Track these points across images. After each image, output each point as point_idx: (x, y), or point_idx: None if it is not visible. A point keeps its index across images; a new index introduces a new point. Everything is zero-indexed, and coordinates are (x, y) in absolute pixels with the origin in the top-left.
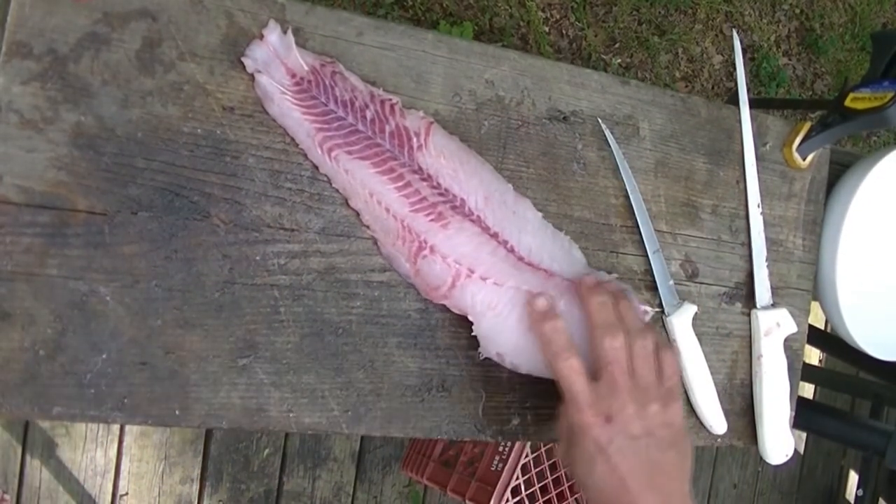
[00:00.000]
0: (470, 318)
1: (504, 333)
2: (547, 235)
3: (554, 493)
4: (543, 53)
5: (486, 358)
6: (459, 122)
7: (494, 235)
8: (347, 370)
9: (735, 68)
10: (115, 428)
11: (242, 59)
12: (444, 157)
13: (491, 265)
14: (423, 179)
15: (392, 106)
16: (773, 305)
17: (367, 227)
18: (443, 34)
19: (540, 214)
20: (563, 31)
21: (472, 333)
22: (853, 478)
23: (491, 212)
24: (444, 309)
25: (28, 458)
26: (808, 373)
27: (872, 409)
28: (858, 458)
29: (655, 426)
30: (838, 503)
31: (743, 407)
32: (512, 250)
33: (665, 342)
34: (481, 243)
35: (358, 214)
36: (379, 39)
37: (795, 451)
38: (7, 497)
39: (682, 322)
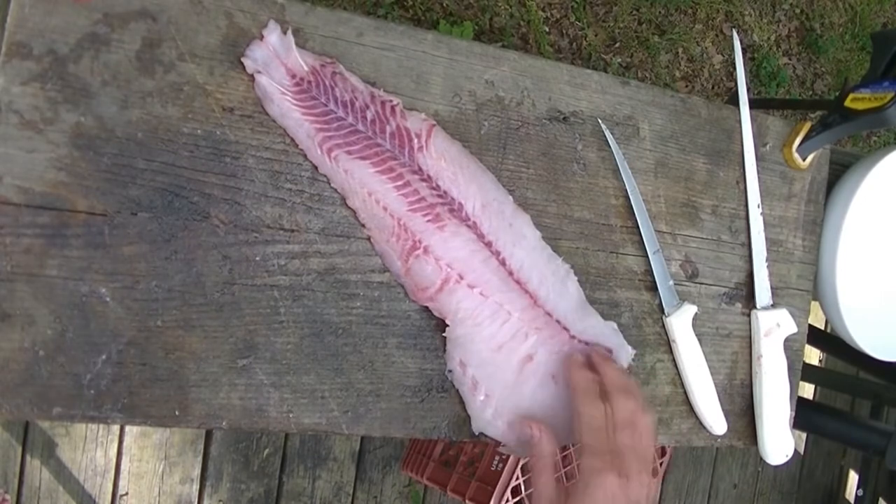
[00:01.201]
0: (448, 321)
1: (475, 344)
2: (541, 257)
3: None
4: (543, 53)
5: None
6: (459, 122)
7: (488, 244)
8: (347, 371)
9: (735, 68)
10: (115, 428)
11: (242, 59)
12: (444, 160)
13: (480, 275)
14: (423, 180)
15: (393, 107)
16: (773, 306)
17: (363, 224)
18: (443, 34)
19: (539, 234)
20: (564, 31)
21: (443, 335)
22: (853, 478)
23: (487, 220)
24: None
25: (28, 458)
26: (808, 373)
27: (872, 409)
28: (858, 458)
29: (647, 494)
30: (838, 503)
31: (743, 407)
32: (503, 262)
33: (645, 407)
34: (475, 251)
35: (355, 213)
36: (379, 40)
37: (795, 451)
38: (7, 497)
39: (682, 322)
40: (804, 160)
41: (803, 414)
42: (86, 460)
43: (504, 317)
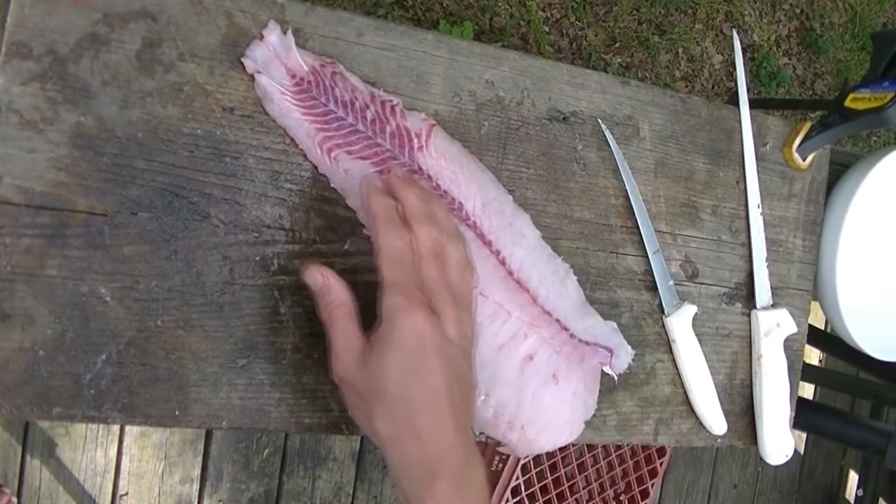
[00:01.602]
0: None
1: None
2: (541, 256)
3: (554, 494)
4: (543, 53)
5: None
6: (459, 122)
7: (488, 244)
8: None
9: (735, 68)
10: (115, 428)
11: (242, 59)
12: (444, 160)
13: (481, 274)
14: (423, 180)
15: (393, 107)
16: (773, 306)
17: (363, 224)
18: (443, 34)
19: (539, 233)
20: (564, 31)
21: None
22: (853, 478)
23: (487, 219)
24: None
25: (28, 458)
26: (808, 373)
27: (872, 409)
28: (858, 458)
29: (464, 334)
30: (838, 503)
31: (743, 407)
32: (503, 262)
33: (453, 230)
34: (474, 250)
35: (355, 213)
36: (379, 40)
37: (795, 451)
38: (14, 500)
39: (682, 322)
40: (804, 160)
41: (803, 414)
42: (86, 460)
43: (504, 317)
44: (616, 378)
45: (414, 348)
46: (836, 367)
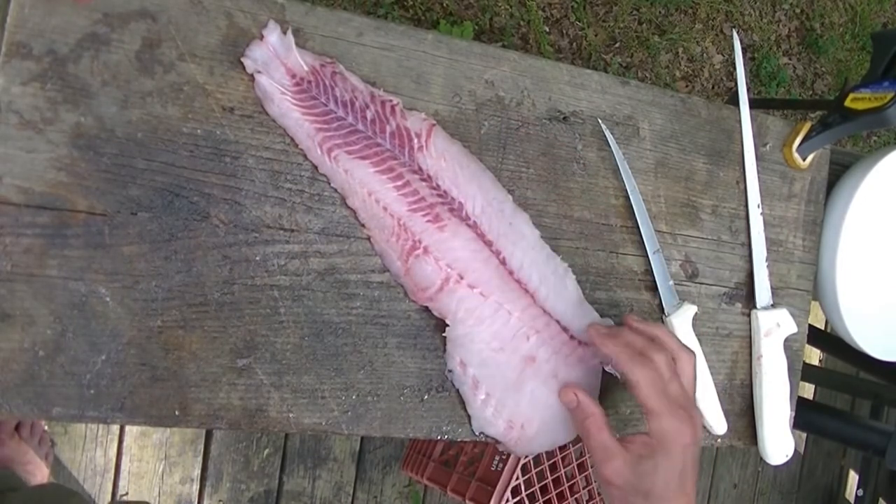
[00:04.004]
0: (448, 321)
1: (475, 344)
2: (540, 256)
3: (554, 494)
4: (544, 53)
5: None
6: (459, 122)
7: (489, 244)
8: (347, 371)
9: (735, 68)
10: (115, 428)
11: (242, 59)
12: (444, 160)
13: (481, 274)
14: (423, 180)
15: (393, 107)
16: (773, 306)
17: (363, 225)
18: (443, 34)
19: (538, 233)
20: (564, 31)
21: (443, 334)
22: (853, 478)
23: (487, 219)
24: None
25: None
26: (808, 373)
27: (872, 409)
28: (858, 458)
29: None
30: (838, 503)
31: (743, 407)
32: (504, 262)
33: (680, 347)
34: (475, 250)
35: (355, 213)
36: (379, 40)
37: (795, 451)
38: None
39: (682, 322)
40: (804, 160)
41: (803, 414)
42: (86, 460)
43: (504, 317)
44: (618, 377)
45: (681, 460)
46: (836, 367)
